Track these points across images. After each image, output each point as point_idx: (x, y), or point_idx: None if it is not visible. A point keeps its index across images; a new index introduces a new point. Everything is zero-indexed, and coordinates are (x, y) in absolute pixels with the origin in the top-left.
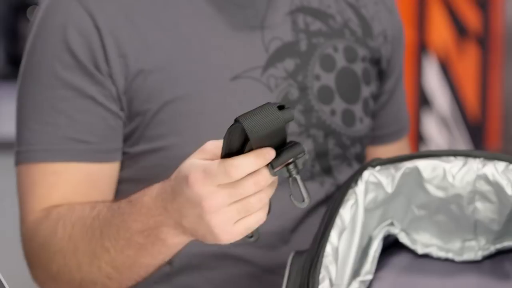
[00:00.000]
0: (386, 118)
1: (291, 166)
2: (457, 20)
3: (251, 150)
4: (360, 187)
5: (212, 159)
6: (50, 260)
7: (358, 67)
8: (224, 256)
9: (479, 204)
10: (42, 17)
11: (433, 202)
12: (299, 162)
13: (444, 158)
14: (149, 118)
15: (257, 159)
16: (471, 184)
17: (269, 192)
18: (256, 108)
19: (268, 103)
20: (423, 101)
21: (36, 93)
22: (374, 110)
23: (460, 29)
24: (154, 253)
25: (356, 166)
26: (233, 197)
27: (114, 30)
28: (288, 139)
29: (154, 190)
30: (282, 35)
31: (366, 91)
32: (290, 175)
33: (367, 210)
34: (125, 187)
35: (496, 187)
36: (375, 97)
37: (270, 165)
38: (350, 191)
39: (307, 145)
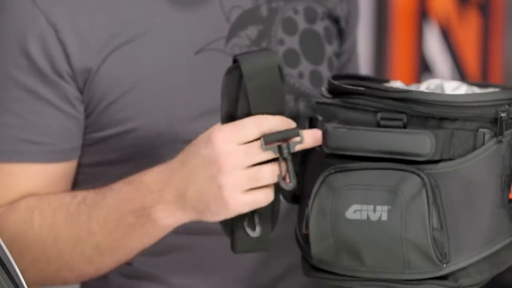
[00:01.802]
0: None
1: (284, 146)
2: None
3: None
4: None
5: None
6: (23, 252)
7: (320, 27)
8: (211, 231)
9: None
10: None
11: None
12: (292, 145)
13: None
14: (116, 102)
15: (282, 120)
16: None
17: (283, 168)
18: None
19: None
20: (424, 67)
21: None
22: (337, 69)
23: None
24: (141, 235)
25: None
26: (248, 158)
27: (73, 22)
28: None
29: (156, 168)
30: (241, 3)
31: (329, 50)
32: (282, 155)
33: None
34: (97, 170)
35: None
36: (337, 55)
37: (263, 139)
38: None
39: None
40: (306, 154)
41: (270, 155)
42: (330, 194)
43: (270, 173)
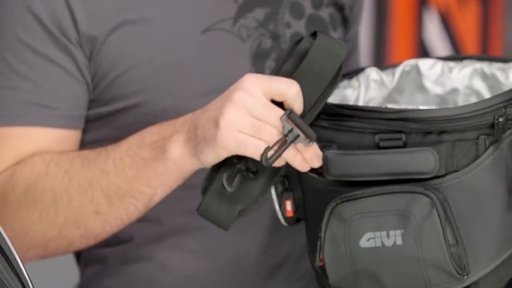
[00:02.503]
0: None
1: (295, 131)
2: None
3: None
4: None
5: None
6: (33, 204)
7: (325, 13)
8: None
9: (473, 100)
10: None
11: (431, 101)
12: (300, 139)
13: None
14: (123, 75)
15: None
16: (467, 77)
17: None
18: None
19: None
20: (423, 54)
21: None
22: None
23: None
24: (151, 173)
25: None
26: (263, 110)
27: None
28: None
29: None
30: None
31: (334, 36)
32: (287, 135)
33: None
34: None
35: (491, 81)
36: None
37: (289, 112)
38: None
39: None
40: (303, 178)
41: (279, 127)
42: (341, 224)
43: (271, 135)
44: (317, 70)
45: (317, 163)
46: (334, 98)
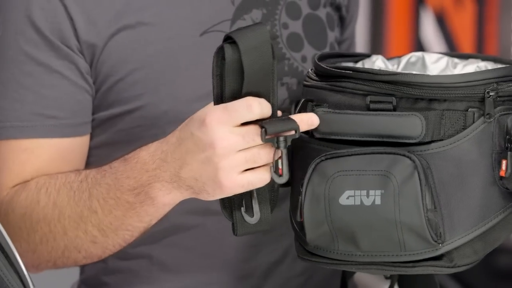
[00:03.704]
0: None
1: (281, 138)
2: None
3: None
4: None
5: None
6: (32, 230)
7: (322, 13)
8: (209, 211)
9: None
10: None
11: None
12: (289, 139)
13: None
14: (124, 80)
15: (267, 107)
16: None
17: (278, 161)
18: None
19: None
20: None
21: (1, 70)
22: None
23: None
24: (141, 213)
25: None
26: (245, 142)
27: (80, 1)
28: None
29: (153, 144)
30: None
31: (331, 36)
32: (278, 147)
33: None
34: (103, 152)
35: None
36: (339, 43)
37: (264, 130)
38: None
39: (281, 94)
40: (293, 141)
41: (267, 145)
42: (323, 181)
43: (267, 155)
44: (260, 69)
45: (316, 122)
46: None
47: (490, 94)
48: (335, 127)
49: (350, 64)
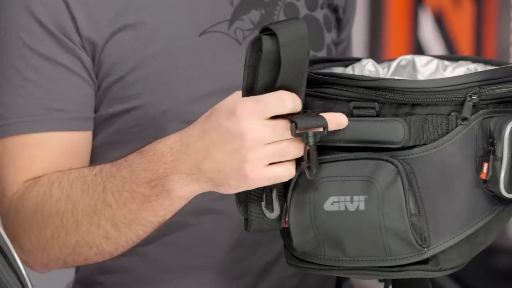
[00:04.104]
0: None
1: (310, 134)
2: None
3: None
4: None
5: None
6: (43, 224)
7: (319, 15)
8: (205, 211)
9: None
10: None
11: None
12: (318, 135)
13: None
14: (123, 79)
15: (299, 102)
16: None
17: (306, 156)
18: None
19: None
20: (418, 53)
21: (6, 66)
22: None
23: None
24: (156, 207)
25: None
26: (276, 135)
27: (82, 0)
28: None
29: (171, 137)
30: None
31: (329, 37)
32: (307, 142)
33: None
34: (100, 152)
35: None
36: (335, 45)
37: (294, 124)
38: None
39: None
40: None
41: (296, 140)
42: (308, 187)
43: (296, 150)
44: (294, 63)
45: (345, 122)
46: None
47: (472, 97)
48: (319, 134)
49: (340, 69)
